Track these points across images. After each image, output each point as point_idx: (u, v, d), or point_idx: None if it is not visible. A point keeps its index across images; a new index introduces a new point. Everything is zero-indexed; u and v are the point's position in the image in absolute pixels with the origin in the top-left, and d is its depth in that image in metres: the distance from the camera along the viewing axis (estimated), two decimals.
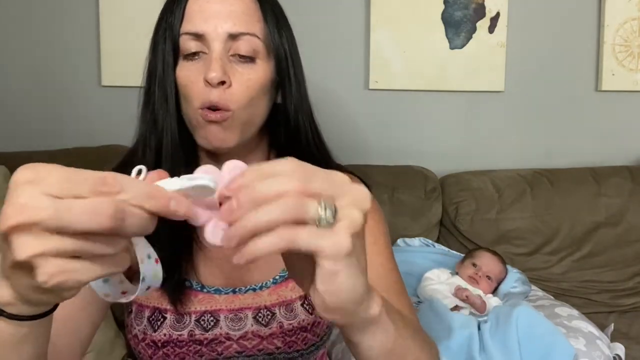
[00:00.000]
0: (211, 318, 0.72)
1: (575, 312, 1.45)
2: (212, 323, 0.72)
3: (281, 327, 0.73)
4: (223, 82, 0.65)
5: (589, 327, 1.37)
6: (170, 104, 0.68)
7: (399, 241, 1.70)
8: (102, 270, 0.35)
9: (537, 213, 1.75)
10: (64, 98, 1.78)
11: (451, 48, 1.86)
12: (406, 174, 1.77)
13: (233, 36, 0.66)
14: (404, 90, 1.87)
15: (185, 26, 0.66)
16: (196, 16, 0.66)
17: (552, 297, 1.61)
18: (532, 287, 1.61)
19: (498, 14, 1.86)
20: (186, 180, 0.36)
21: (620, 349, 1.36)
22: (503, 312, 1.31)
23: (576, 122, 1.97)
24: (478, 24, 1.86)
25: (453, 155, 1.93)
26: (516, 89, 1.92)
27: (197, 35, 0.66)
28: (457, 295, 1.43)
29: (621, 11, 1.91)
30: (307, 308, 0.74)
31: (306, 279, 0.41)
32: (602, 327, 1.47)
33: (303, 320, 0.73)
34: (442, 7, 1.84)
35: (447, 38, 1.86)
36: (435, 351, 0.60)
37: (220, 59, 0.65)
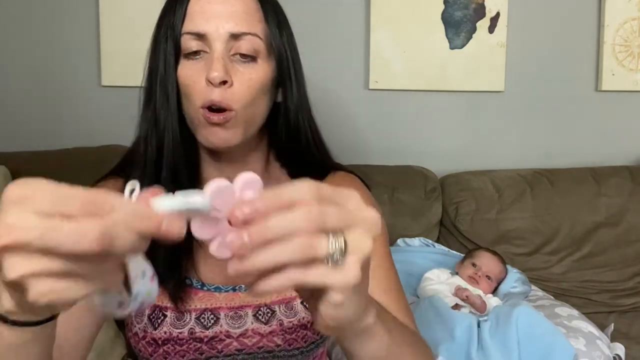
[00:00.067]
0: (211, 316, 0.72)
1: (575, 312, 1.45)
2: (212, 321, 0.72)
3: (281, 325, 0.73)
4: (225, 82, 0.65)
5: (589, 327, 1.37)
6: (171, 103, 0.68)
7: (399, 241, 1.70)
8: (94, 287, 0.34)
9: (537, 213, 1.75)
10: (64, 98, 1.78)
11: (451, 48, 1.86)
12: (406, 174, 1.77)
13: (235, 36, 0.66)
14: (404, 90, 1.87)
15: (187, 26, 0.67)
16: (198, 16, 0.66)
17: (552, 297, 1.61)
18: (532, 287, 1.61)
19: (498, 14, 1.86)
20: (181, 198, 0.35)
21: (620, 349, 1.36)
22: (503, 312, 1.31)
23: (576, 122, 1.97)
24: (478, 24, 1.86)
25: (453, 155, 1.92)
26: (516, 89, 1.92)
27: (199, 35, 0.66)
28: (457, 295, 1.43)
29: (621, 11, 1.91)
30: (307, 306, 0.74)
31: (305, 290, 0.41)
32: (602, 327, 1.47)
33: (303, 318, 0.73)
34: (442, 7, 1.84)
35: (447, 38, 1.86)
36: (430, 357, 0.61)
37: (222, 59, 0.65)
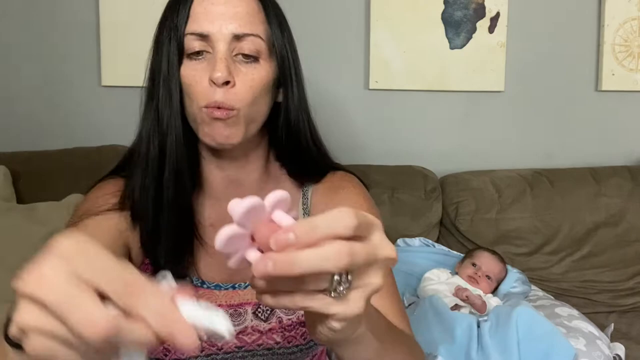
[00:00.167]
0: None
1: (575, 312, 1.45)
2: None
3: (280, 322, 0.73)
4: (227, 82, 0.66)
5: (589, 327, 1.37)
6: (174, 103, 0.69)
7: (399, 241, 1.70)
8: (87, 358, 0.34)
9: (537, 213, 1.74)
10: (64, 98, 1.78)
11: (451, 48, 1.86)
12: (406, 174, 1.76)
13: (237, 37, 0.67)
14: (404, 90, 1.87)
15: (190, 26, 0.68)
16: (201, 17, 0.67)
17: (552, 297, 1.61)
18: (532, 287, 1.61)
19: (498, 14, 1.86)
20: (209, 314, 0.35)
21: (620, 349, 1.36)
22: (503, 312, 1.31)
23: (576, 122, 1.97)
24: (478, 24, 1.86)
25: (453, 155, 1.92)
26: (516, 89, 1.92)
27: (202, 35, 0.67)
28: (458, 295, 1.43)
29: (621, 11, 1.91)
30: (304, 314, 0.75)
31: None
32: (602, 327, 1.47)
33: (302, 315, 0.74)
34: (442, 7, 1.84)
35: (447, 38, 1.86)
36: (421, 358, 0.63)
37: (225, 59, 0.66)
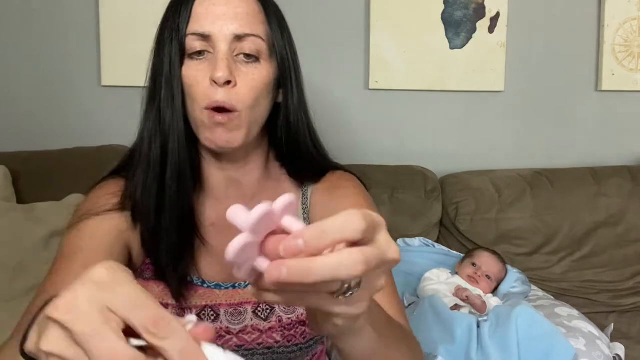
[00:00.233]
0: (211, 312, 0.73)
1: (575, 312, 1.45)
2: (212, 317, 0.73)
3: (280, 321, 0.74)
4: (229, 82, 0.66)
5: (589, 327, 1.37)
6: (176, 103, 0.69)
7: (399, 241, 1.70)
8: None
9: (537, 213, 1.74)
10: (64, 98, 1.78)
11: (451, 48, 1.86)
12: (406, 174, 1.76)
13: (238, 37, 0.68)
14: (404, 90, 1.87)
15: (192, 27, 0.68)
16: (203, 17, 0.68)
17: (552, 297, 1.61)
18: (532, 287, 1.61)
19: (498, 14, 1.86)
20: (227, 355, 0.34)
21: (620, 349, 1.36)
22: (503, 312, 1.31)
23: (576, 122, 1.97)
24: (478, 24, 1.86)
25: (453, 155, 1.92)
26: (516, 89, 1.92)
27: (204, 35, 0.67)
28: (458, 295, 1.43)
29: (621, 11, 1.91)
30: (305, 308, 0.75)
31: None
32: (602, 327, 1.47)
33: (302, 314, 0.74)
34: (442, 7, 1.84)
35: (447, 38, 1.86)
36: (420, 353, 0.63)
37: (226, 59, 0.67)
